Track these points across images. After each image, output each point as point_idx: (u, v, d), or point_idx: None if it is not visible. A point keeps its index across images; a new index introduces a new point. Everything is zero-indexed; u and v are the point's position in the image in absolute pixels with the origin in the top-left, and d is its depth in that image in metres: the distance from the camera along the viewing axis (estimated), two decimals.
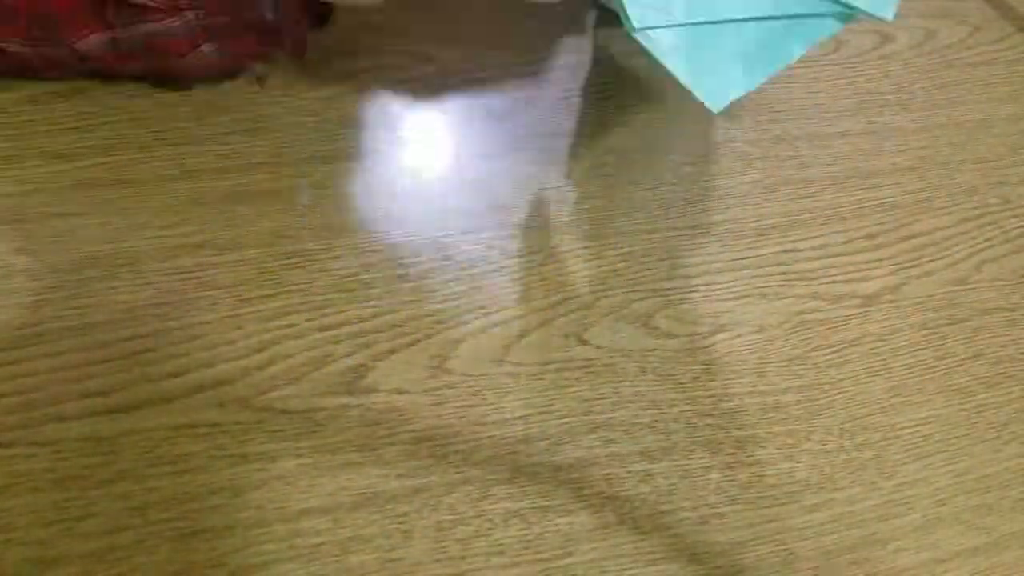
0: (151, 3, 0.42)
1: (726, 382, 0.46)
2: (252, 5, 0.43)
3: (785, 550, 0.42)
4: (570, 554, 0.40)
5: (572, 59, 0.56)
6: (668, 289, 0.49)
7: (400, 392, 0.42)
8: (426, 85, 0.53)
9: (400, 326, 0.44)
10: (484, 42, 0.57)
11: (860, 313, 0.50)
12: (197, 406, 0.40)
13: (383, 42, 0.55)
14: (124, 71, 0.46)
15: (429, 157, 0.50)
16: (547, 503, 0.41)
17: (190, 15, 0.43)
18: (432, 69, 0.54)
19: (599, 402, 0.44)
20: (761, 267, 0.51)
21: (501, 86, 0.54)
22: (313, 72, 0.52)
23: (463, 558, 0.39)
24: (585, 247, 0.49)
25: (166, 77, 0.48)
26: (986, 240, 0.55)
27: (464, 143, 0.51)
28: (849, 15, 0.43)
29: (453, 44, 0.56)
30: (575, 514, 0.41)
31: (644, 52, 0.41)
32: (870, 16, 0.43)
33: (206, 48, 0.45)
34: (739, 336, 0.48)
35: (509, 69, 0.55)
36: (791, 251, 0.52)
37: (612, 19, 0.56)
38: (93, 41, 0.42)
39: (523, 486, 0.41)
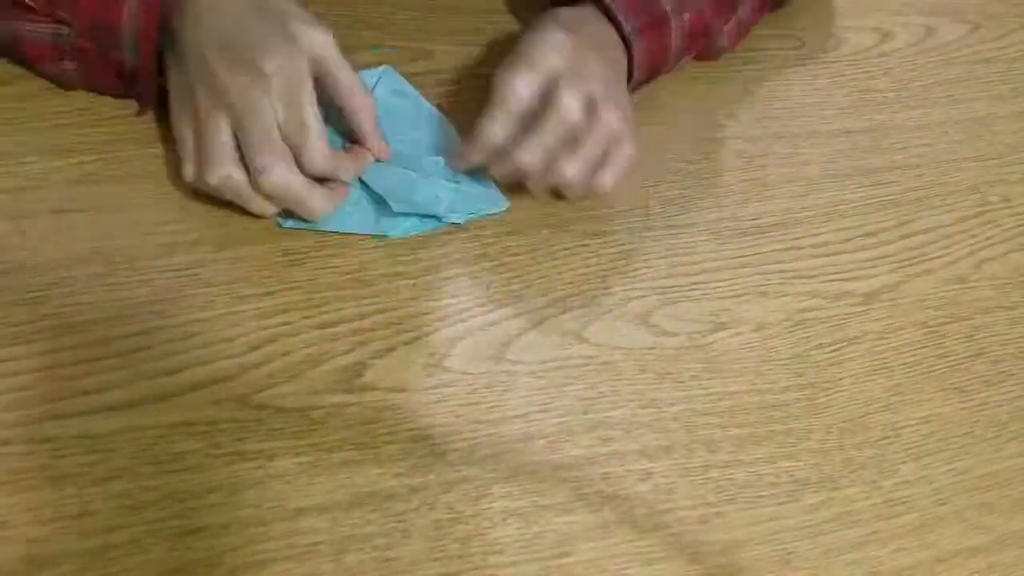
0: (31, 2, 0.43)
1: (725, 380, 0.46)
2: (116, 45, 0.44)
3: (784, 549, 0.41)
4: (568, 553, 0.39)
5: None
6: (667, 287, 0.49)
7: (398, 390, 0.42)
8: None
9: (398, 324, 0.44)
10: (483, 38, 0.57)
11: (860, 311, 0.50)
12: (194, 404, 0.40)
13: (383, 38, 0.55)
14: None
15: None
16: (545, 502, 0.41)
17: (64, 29, 0.44)
18: (431, 65, 0.54)
19: (598, 400, 0.44)
20: (761, 265, 0.51)
21: None
22: None
23: (461, 557, 0.39)
24: (584, 245, 0.49)
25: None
26: (986, 238, 0.55)
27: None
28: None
29: (452, 41, 0.56)
30: (573, 513, 0.41)
31: None
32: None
33: (68, 66, 0.45)
34: (738, 334, 0.48)
35: None
36: (791, 249, 0.52)
37: None
38: None
39: (521, 485, 0.41)
